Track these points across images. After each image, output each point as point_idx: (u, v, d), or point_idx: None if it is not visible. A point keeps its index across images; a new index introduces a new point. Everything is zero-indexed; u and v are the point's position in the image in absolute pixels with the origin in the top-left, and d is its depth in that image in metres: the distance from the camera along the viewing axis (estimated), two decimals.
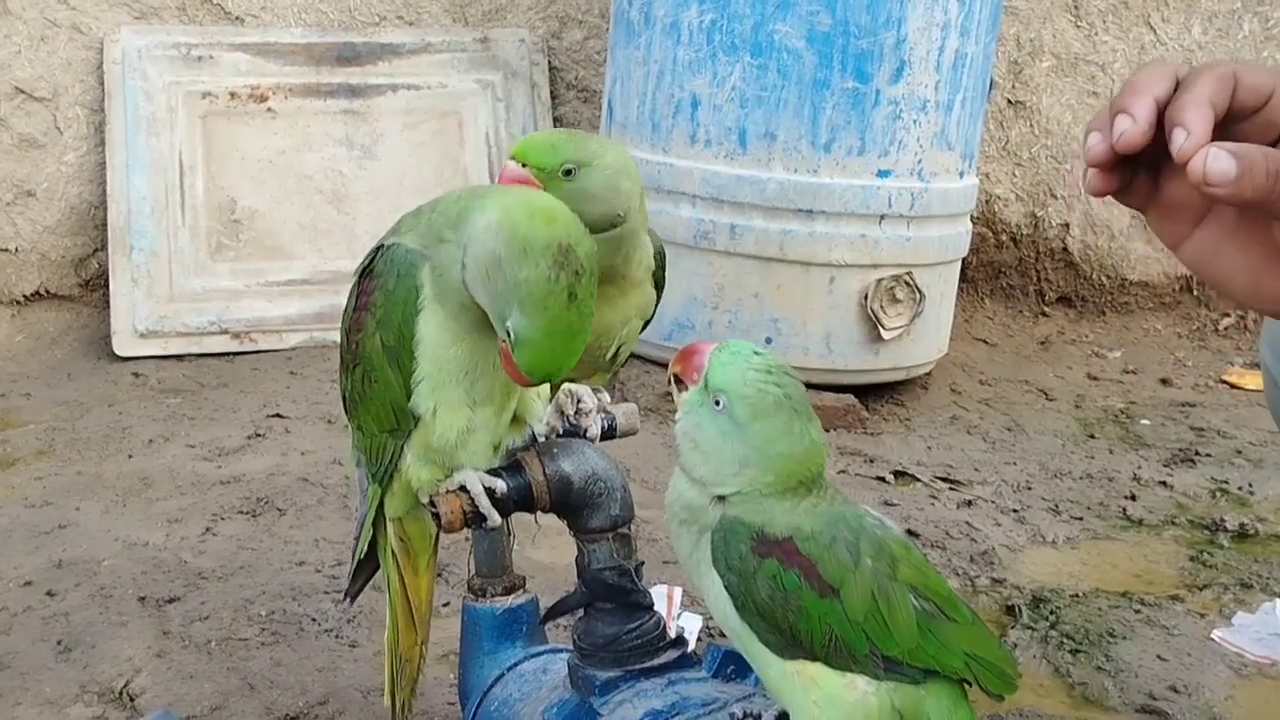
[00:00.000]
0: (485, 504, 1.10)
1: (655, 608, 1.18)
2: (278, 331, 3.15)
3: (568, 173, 1.17)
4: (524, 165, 1.18)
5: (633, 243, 1.25)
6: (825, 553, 0.94)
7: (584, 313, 0.97)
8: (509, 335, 0.98)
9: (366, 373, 1.10)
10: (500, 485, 1.11)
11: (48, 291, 3.24)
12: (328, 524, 2.21)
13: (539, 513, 1.16)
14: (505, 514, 1.13)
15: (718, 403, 0.97)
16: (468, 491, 1.11)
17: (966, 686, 0.99)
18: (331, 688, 1.72)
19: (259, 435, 2.62)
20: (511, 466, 1.15)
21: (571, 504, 1.15)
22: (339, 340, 1.17)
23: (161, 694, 1.69)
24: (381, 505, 1.19)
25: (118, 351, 3.04)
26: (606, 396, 1.33)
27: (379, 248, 1.12)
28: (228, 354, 3.10)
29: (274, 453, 2.53)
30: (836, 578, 0.94)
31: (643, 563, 1.18)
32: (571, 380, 1.30)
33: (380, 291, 1.08)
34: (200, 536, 2.15)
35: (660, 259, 1.32)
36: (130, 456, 2.50)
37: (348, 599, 1.29)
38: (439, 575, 2.05)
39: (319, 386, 2.92)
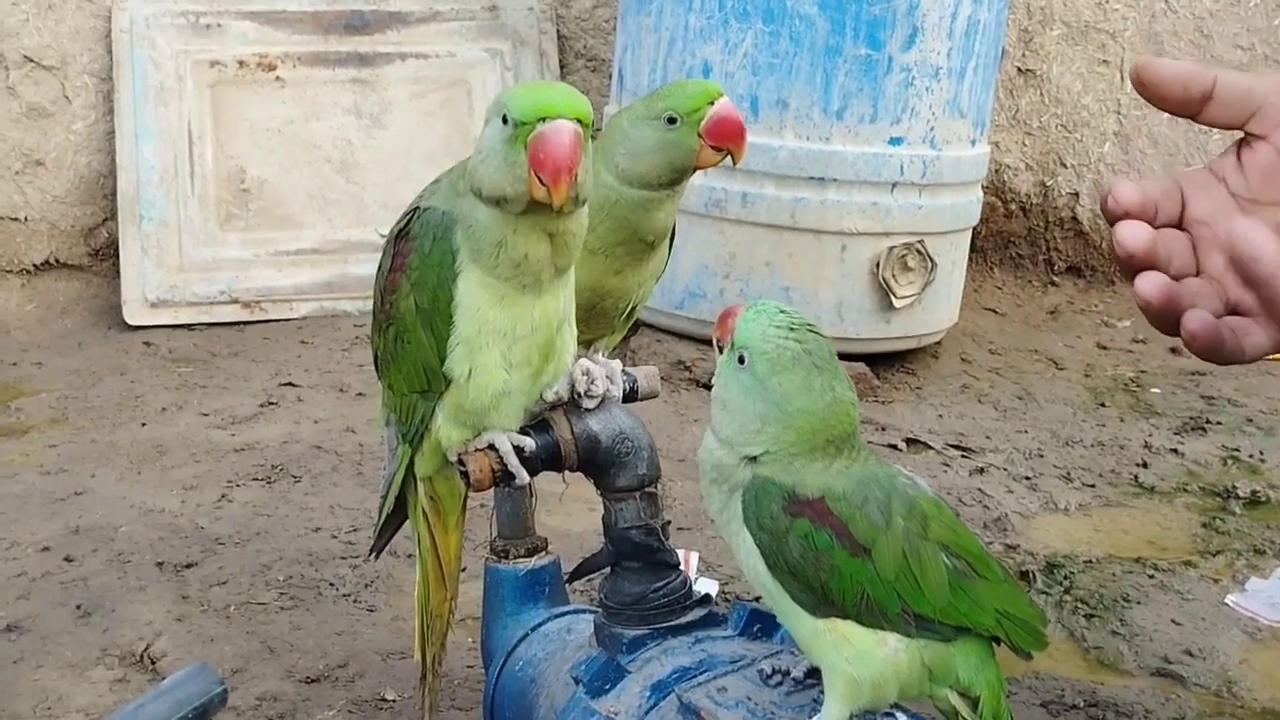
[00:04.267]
0: (514, 462, 1.10)
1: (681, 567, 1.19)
2: (288, 301, 3.15)
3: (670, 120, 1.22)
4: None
5: (676, 201, 1.26)
6: (857, 512, 0.94)
7: None
8: None
9: (400, 334, 1.10)
10: (529, 444, 1.12)
11: (58, 261, 3.24)
12: (342, 491, 2.22)
13: (566, 471, 1.16)
14: (533, 473, 1.13)
15: (742, 360, 0.98)
16: (496, 450, 1.11)
17: (995, 645, 1.00)
18: (351, 651, 1.73)
19: (271, 404, 2.62)
20: (539, 425, 1.15)
21: (599, 463, 1.15)
22: (372, 300, 1.17)
23: (183, 656, 1.70)
24: (411, 464, 1.20)
25: (128, 321, 3.05)
26: (618, 364, 1.34)
27: (414, 210, 1.11)
28: (238, 323, 3.10)
29: (287, 421, 2.53)
30: (868, 537, 0.94)
31: (669, 521, 1.19)
32: (587, 339, 1.30)
33: (416, 254, 1.08)
34: (216, 503, 2.16)
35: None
36: (144, 424, 2.51)
37: (373, 554, 1.30)
38: None
39: (330, 355, 2.92)
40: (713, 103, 1.22)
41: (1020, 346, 3.32)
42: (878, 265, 2.79)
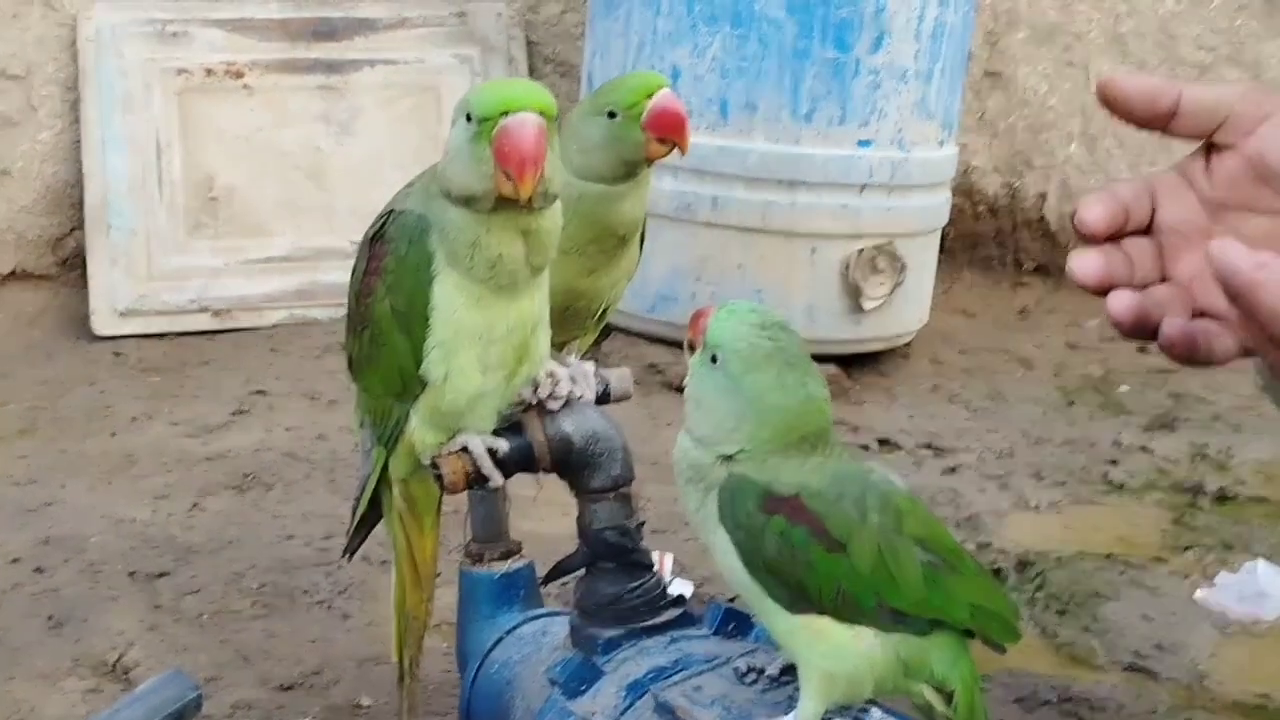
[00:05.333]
0: (488, 465, 1.10)
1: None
2: (258, 309, 3.13)
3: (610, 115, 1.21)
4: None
5: (641, 192, 1.27)
6: (832, 509, 0.95)
7: None
8: None
9: (375, 336, 1.10)
10: (502, 446, 1.12)
11: (24, 271, 3.22)
12: (315, 499, 2.21)
13: (540, 474, 1.16)
14: (507, 475, 1.13)
15: (714, 359, 0.98)
16: (470, 453, 1.11)
17: (969, 639, 1.01)
18: (325, 658, 1.73)
19: (243, 412, 2.61)
20: (512, 427, 1.15)
21: (573, 464, 1.15)
22: (347, 303, 1.17)
23: (155, 666, 1.69)
24: (386, 467, 1.19)
25: (97, 331, 3.02)
26: (590, 366, 1.33)
27: (388, 214, 1.11)
28: (208, 332, 3.09)
29: (258, 429, 2.52)
30: (843, 533, 0.94)
31: (643, 522, 1.19)
32: (560, 341, 1.30)
33: (392, 257, 1.08)
34: (188, 512, 2.14)
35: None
36: (113, 434, 2.49)
37: (346, 555, 1.29)
38: None
39: (301, 363, 2.91)
40: (652, 95, 1.20)
41: (990, 346, 3.34)
42: (847, 267, 2.80)
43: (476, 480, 1.12)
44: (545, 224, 1.06)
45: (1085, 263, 0.87)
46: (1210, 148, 0.90)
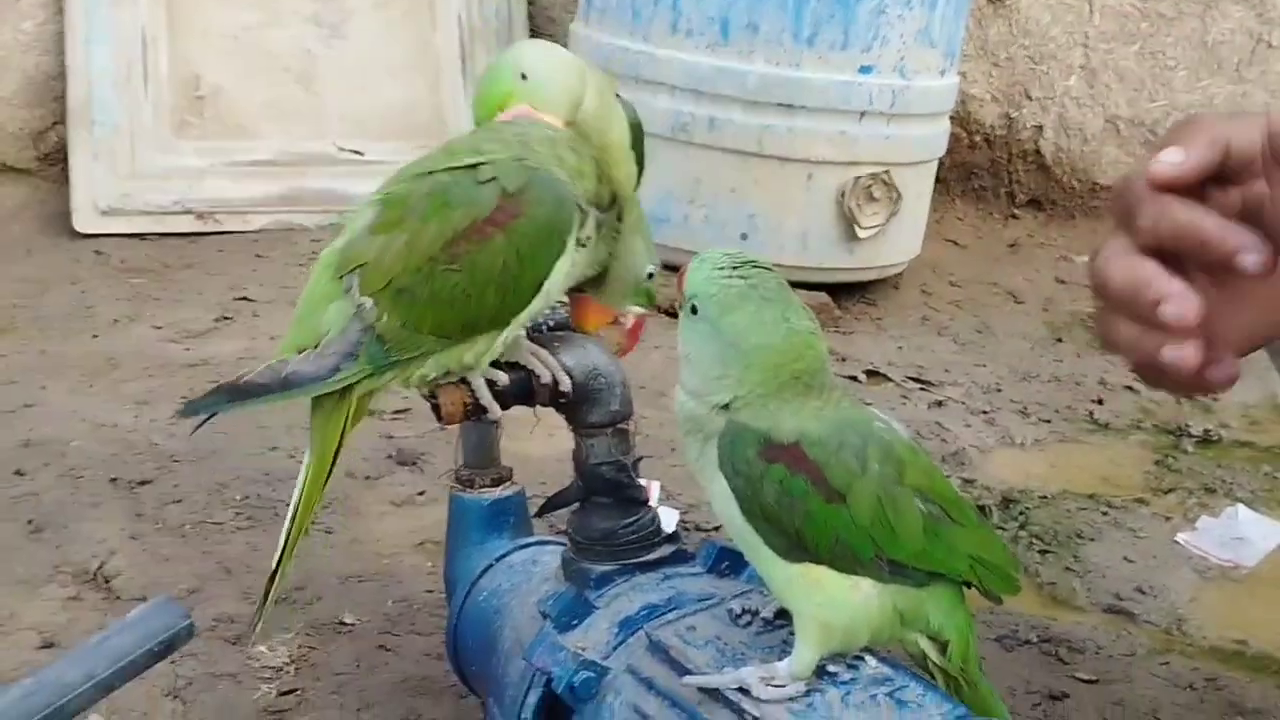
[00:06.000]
0: (487, 397, 1.09)
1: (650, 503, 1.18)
2: (242, 213, 3.09)
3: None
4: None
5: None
6: (832, 457, 0.93)
7: None
8: None
9: (464, 285, 1.06)
10: (502, 378, 1.10)
11: (4, 164, 3.16)
12: (300, 408, 2.16)
13: (538, 406, 1.15)
14: (505, 407, 1.12)
15: (694, 310, 0.96)
16: (468, 384, 1.09)
17: (966, 590, 1.00)
18: (308, 573, 1.72)
19: (226, 318, 2.58)
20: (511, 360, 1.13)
21: (572, 398, 1.13)
22: (416, 227, 1.09)
23: (137, 576, 1.68)
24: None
25: (78, 229, 2.97)
26: None
27: (524, 167, 1.08)
28: (192, 234, 3.04)
29: (242, 336, 2.50)
30: (843, 483, 0.93)
31: (640, 458, 1.18)
32: None
33: (528, 219, 1.06)
34: (170, 419, 2.12)
35: (636, 130, 1.26)
36: (95, 336, 2.46)
37: (194, 429, 1.20)
38: (414, 464, 2.05)
39: (286, 270, 2.87)
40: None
41: (980, 279, 3.33)
42: (843, 195, 2.77)
43: (474, 411, 1.10)
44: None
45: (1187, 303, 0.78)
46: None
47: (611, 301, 1.19)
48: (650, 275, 1.18)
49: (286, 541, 1.21)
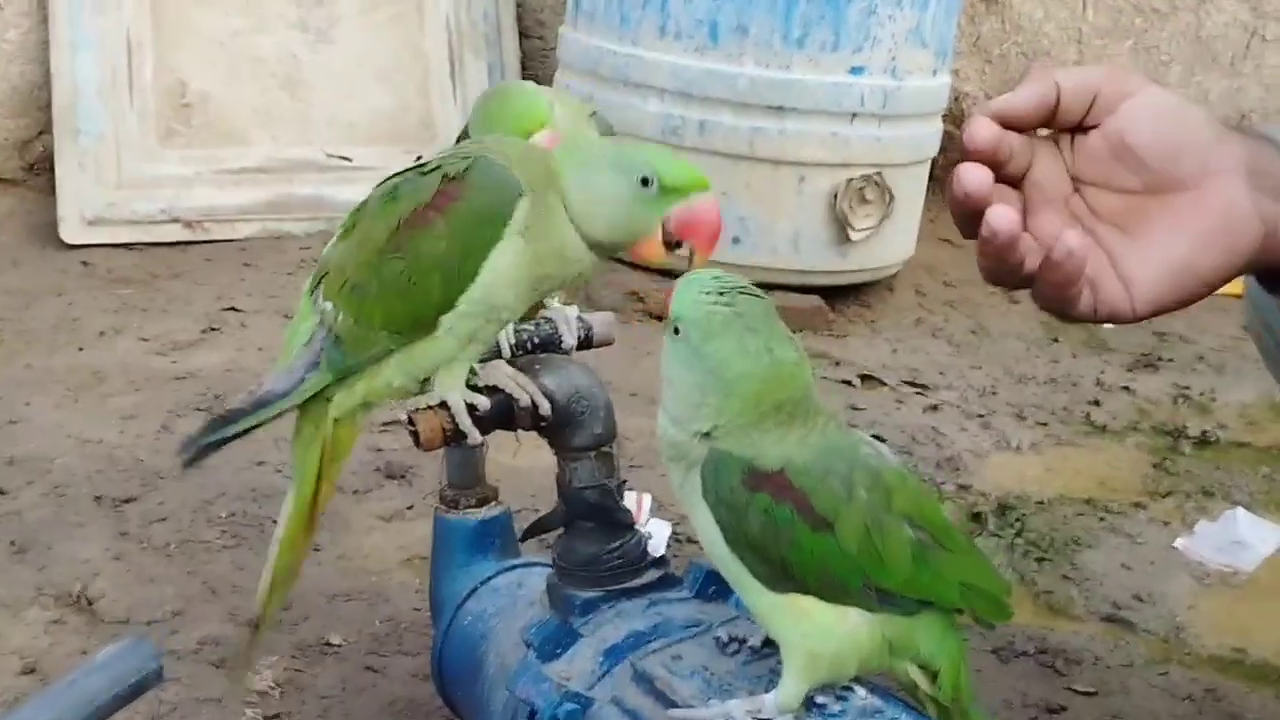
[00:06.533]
0: (466, 422, 1.06)
1: (637, 526, 1.16)
2: (230, 221, 3.06)
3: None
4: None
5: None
6: (818, 485, 0.91)
7: None
8: None
9: (407, 269, 1.04)
10: (483, 402, 1.07)
11: None
12: (287, 422, 2.15)
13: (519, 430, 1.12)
14: (485, 431, 1.09)
15: (677, 331, 0.94)
16: (448, 408, 1.07)
17: (958, 615, 0.98)
18: (296, 592, 1.69)
19: (213, 329, 2.56)
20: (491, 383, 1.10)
21: (554, 422, 1.11)
22: (365, 223, 1.08)
23: (121, 598, 1.66)
24: (319, 397, 1.12)
25: (65, 239, 2.95)
26: (573, 311, 1.29)
27: (472, 156, 1.06)
28: (179, 243, 3.01)
29: (229, 347, 2.47)
30: (830, 510, 0.91)
31: (624, 481, 1.15)
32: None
33: (467, 203, 1.03)
34: (156, 434, 2.10)
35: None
36: (81, 349, 2.44)
37: (187, 465, 1.16)
38: (402, 478, 2.03)
39: (274, 279, 2.85)
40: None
41: (974, 279, 3.26)
42: (835, 197, 2.75)
43: (454, 437, 1.07)
44: None
45: (976, 175, 0.87)
46: (1076, 128, 0.92)
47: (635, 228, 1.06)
48: (648, 180, 1.03)
49: (271, 585, 1.19)
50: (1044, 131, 0.93)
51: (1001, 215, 0.85)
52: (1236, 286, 1.06)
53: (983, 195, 0.86)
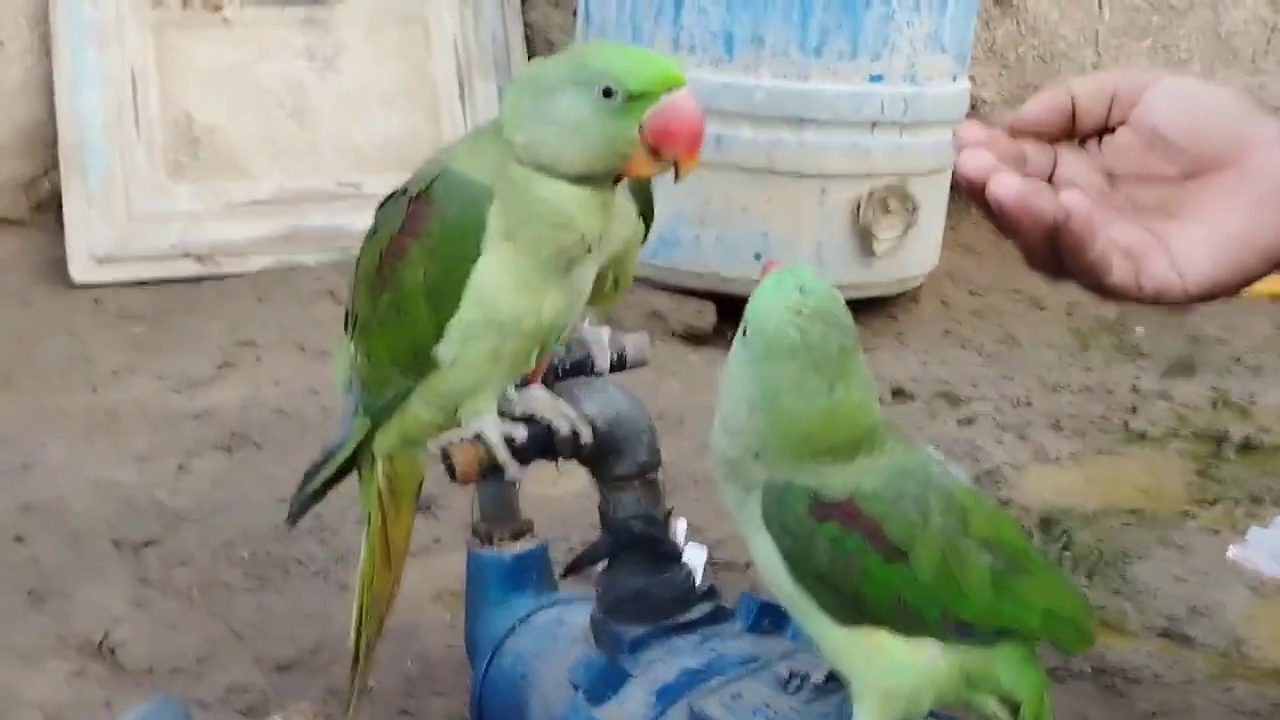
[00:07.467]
0: (504, 455, 1.00)
1: (686, 559, 1.10)
2: (243, 254, 3.01)
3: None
4: None
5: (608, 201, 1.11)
6: (890, 511, 0.85)
7: None
8: None
9: (395, 303, 0.99)
10: (520, 434, 1.02)
11: None
12: (307, 458, 2.09)
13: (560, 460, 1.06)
14: (524, 463, 1.03)
15: (744, 331, 0.88)
16: (484, 441, 1.01)
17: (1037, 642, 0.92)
18: (323, 634, 1.64)
19: (229, 364, 2.51)
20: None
21: (595, 450, 1.05)
22: (362, 258, 1.05)
23: (143, 646, 1.60)
24: (369, 438, 1.09)
25: (75, 278, 2.90)
26: (605, 332, 1.24)
27: (436, 172, 1.00)
28: (191, 278, 2.96)
29: (246, 383, 2.42)
30: (904, 538, 0.85)
31: (671, 510, 1.09)
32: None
33: (437, 221, 0.96)
34: (174, 475, 2.05)
35: None
36: (94, 389, 2.39)
37: (290, 522, 1.22)
38: (429, 509, 1.97)
39: (289, 311, 2.80)
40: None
41: (1000, 287, 3.24)
42: (858, 208, 2.69)
43: (490, 470, 1.02)
44: (619, 198, 0.99)
45: (973, 156, 0.85)
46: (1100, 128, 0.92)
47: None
48: (610, 90, 0.93)
49: (356, 623, 1.22)
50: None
51: (1002, 183, 0.83)
52: (1274, 285, 1.04)
53: (981, 174, 0.84)
